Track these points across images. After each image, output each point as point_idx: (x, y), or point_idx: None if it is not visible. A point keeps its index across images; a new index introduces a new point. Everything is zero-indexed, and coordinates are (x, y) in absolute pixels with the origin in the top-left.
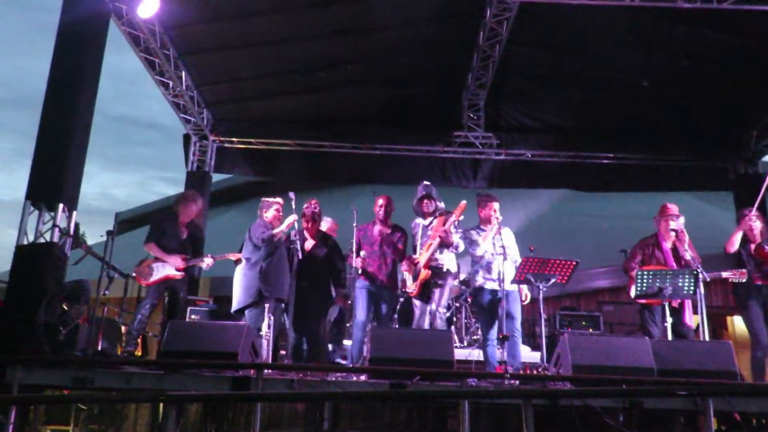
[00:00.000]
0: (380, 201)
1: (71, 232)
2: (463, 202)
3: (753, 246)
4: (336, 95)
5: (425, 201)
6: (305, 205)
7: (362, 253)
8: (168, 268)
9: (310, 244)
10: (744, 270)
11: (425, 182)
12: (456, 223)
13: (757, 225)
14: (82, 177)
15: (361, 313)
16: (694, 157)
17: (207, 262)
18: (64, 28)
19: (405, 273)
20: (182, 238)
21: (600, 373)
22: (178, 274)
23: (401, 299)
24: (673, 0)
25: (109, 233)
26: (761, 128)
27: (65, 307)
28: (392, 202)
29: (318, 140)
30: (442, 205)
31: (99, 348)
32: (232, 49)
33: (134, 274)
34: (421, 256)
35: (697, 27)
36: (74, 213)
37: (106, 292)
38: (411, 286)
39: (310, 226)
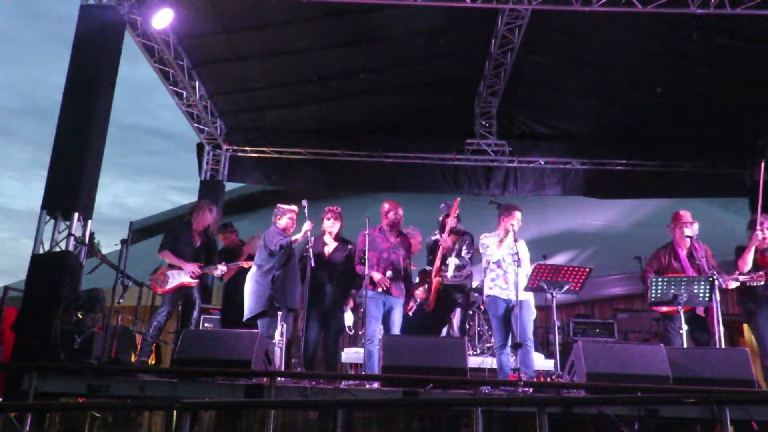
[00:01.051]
0: (386, 206)
1: (86, 241)
2: (457, 198)
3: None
4: (349, 104)
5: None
6: (328, 207)
7: (389, 273)
8: (183, 275)
9: (331, 247)
10: (761, 273)
11: (447, 201)
12: (463, 242)
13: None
14: (97, 186)
15: (371, 325)
16: (708, 163)
17: (221, 269)
18: (80, 39)
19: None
20: (196, 246)
21: (614, 381)
22: (193, 281)
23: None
24: (686, 6)
25: (123, 242)
26: None
27: (80, 316)
28: (399, 209)
29: (331, 149)
30: (460, 226)
31: (113, 356)
32: (245, 59)
33: (150, 282)
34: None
35: (711, 33)
36: (89, 222)
37: (121, 301)
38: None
39: (336, 229)
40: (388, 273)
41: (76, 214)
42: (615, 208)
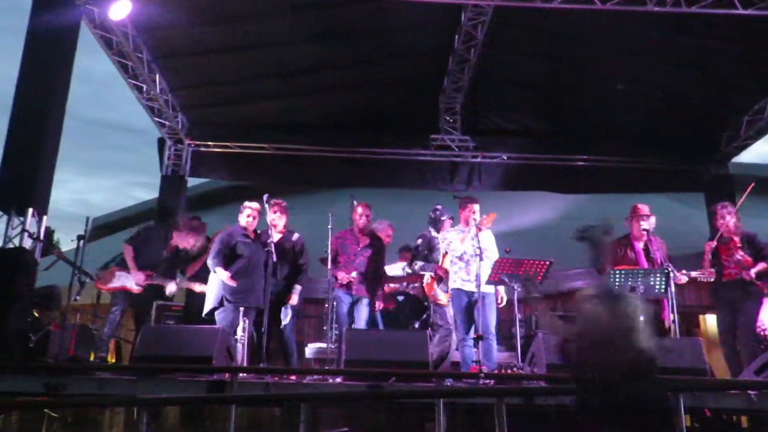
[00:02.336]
0: (359, 210)
1: (42, 237)
2: (493, 214)
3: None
4: (315, 100)
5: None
6: (275, 201)
7: (354, 274)
8: (129, 280)
9: (275, 239)
10: (713, 270)
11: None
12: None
13: (728, 220)
14: (52, 181)
15: (343, 322)
16: (669, 159)
17: (170, 288)
18: (34, 30)
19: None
20: (163, 254)
21: None
22: (136, 289)
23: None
24: (644, 3)
25: (80, 237)
26: (731, 130)
27: (36, 314)
28: (370, 210)
29: (296, 144)
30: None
31: (72, 354)
32: (207, 52)
33: (95, 276)
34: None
35: (670, 31)
36: (45, 218)
37: (78, 298)
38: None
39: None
40: (353, 273)
41: (31, 210)
42: (577, 202)
